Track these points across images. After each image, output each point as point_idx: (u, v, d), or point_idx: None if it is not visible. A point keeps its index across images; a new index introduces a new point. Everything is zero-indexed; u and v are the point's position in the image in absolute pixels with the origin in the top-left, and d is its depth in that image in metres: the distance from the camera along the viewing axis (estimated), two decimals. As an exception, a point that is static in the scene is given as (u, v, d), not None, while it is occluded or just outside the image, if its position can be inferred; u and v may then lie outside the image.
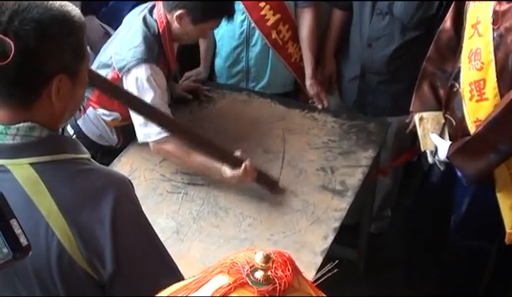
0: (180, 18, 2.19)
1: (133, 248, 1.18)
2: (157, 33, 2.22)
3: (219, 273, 0.68)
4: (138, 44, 2.17)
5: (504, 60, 1.93)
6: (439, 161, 2.25)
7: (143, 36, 2.19)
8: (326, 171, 2.30)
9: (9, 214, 0.94)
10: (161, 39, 2.23)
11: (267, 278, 0.67)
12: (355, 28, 2.66)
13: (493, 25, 1.96)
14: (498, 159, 2.03)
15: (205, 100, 2.70)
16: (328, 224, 2.07)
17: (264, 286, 0.66)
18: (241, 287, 0.66)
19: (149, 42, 2.19)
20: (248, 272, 0.67)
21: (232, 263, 0.68)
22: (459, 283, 2.53)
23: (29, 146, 1.13)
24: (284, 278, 0.67)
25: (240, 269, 0.67)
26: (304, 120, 2.57)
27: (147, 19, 2.23)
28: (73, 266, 1.13)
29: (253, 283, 0.67)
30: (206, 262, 1.95)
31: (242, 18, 2.61)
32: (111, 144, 2.47)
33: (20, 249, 0.93)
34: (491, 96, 1.98)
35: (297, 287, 0.68)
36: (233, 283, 0.66)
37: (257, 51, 2.67)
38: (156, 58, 2.20)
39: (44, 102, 1.13)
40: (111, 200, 1.13)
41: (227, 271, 0.68)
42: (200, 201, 2.18)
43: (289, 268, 0.68)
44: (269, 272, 0.67)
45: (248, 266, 0.68)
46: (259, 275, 0.67)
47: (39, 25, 1.07)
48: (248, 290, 0.66)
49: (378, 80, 2.68)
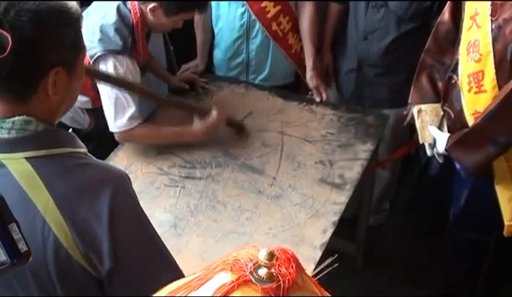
0: (154, 10, 2.20)
1: (130, 243, 1.17)
2: (131, 24, 2.23)
3: (221, 270, 0.66)
4: (111, 35, 2.17)
5: (502, 52, 1.92)
6: (437, 153, 2.25)
7: (116, 27, 2.19)
8: (324, 164, 2.29)
9: (8, 218, 0.92)
10: (134, 30, 2.24)
11: (270, 276, 0.65)
12: (351, 20, 2.66)
13: (492, 16, 1.95)
14: (497, 151, 2.02)
15: (202, 92, 2.70)
16: (327, 217, 2.06)
17: (268, 284, 0.65)
18: (244, 284, 0.65)
19: (123, 32, 2.20)
20: (251, 269, 0.66)
21: (235, 260, 0.66)
22: (458, 276, 2.53)
23: (25, 140, 1.12)
24: (288, 276, 0.66)
25: (243, 266, 0.65)
26: (302, 113, 2.56)
27: (121, 8, 2.22)
28: (70, 261, 1.13)
29: (256, 281, 0.65)
30: (204, 256, 1.94)
31: (243, 10, 2.60)
32: (83, 126, 2.50)
33: (18, 256, 0.90)
34: (489, 88, 1.97)
35: (301, 284, 0.67)
36: (236, 280, 0.65)
37: (257, 43, 2.66)
38: (130, 48, 2.21)
39: (41, 96, 1.12)
40: (108, 195, 1.12)
41: (230, 268, 0.66)
42: (197, 195, 2.17)
43: (292, 265, 0.67)
44: (272, 269, 0.66)
45: (251, 263, 0.67)
46: (263, 272, 0.66)
47: (36, 16, 1.06)
48: (251, 288, 0.65)
49: (374, 72, 2.68)
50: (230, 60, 2.75)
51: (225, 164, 2.30)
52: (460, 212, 2.33)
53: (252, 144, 2.39)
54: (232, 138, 2.42)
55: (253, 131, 2.46)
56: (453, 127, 2.17)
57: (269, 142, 2.40)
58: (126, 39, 2.20)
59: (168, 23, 2.28)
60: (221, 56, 2.79)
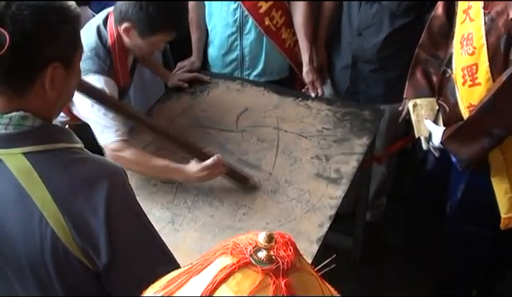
0: (127, 31, 2.12)
1: (127, 238, 1.18)
2: (108, 46, 2.16)
3: (222, 254, 0.68)
4: (88, 56, 2.08)
5: (495, 44, 1.93)
6: (433, 147, 2.26)
7: (94, 47, 2.12)
8: (320, 159, 2.29)
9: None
10: (112, 51, 2.17)
11: (270, 258, 0.67)
12: (345, 17, 2.66)
13: (485, 10, 1.96)
14: (492, 143, 2.03)
15: (198, 89, 2.69)
16: (324, 212, 2.07)
17: (268, 265, 0.66)
18: (245, 266, 0.66)
19: (100, 53, 2.13)
20: (250, 252, 0.67)
21: (235, 245, 0.68)
22: (455, 269, 2.54)
23: (22, 135, 1.13)
24: (287, 258, 0.67)
25: (243, 250, 0.67)
26: (298, 108, 2.57)
27: (100, 29, 2.17)
28: (67, 256, 1.13)
29: (256, 263, 0.67)
30: (202, 251, 1.91)
31: (235, 6, 2.60)
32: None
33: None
34: (483, 81, 1.98)
35: (299, 266, 0.68)
36: (237, 262, 0.66)
37: (251, 39, 2.66)
38: (108, 69, 2.14)
39: (38, 91, 1.13)
40: (105, 190, 1.13)
41: (230, 252, 0.68)
42: (194, 191, 2.17)
43: (290, 248, 0.68)
44: (271, 251, 0.67)
45: (250, 247, 0.68)
46: (262, 255, 0.67)
47: (37, 11, 1.08)
48: (252, 270, 0.66)
49: (369, 68, 2.69)
50: (224, 57, 2.75)
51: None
52: (457, 206, 2.34)
53: (248, 140, 2.39)
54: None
55: (249, 126, 2.46)
56: (448, 120, 2.18)
57: (265, 137, 2.41)
58: (104, 60, 2.12)
59: (145, 46, 2.17)
60: (215, 53, 2.79)
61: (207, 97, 2.65)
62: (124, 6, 2.09)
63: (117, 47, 2.16)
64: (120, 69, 2.20)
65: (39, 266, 1.15)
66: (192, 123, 2.50)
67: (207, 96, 2.66)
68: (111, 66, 2.16)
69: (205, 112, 2.55)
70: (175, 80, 2.70)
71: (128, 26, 2.10)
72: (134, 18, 2.08)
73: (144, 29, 2.10)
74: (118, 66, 2.19)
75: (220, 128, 2.45)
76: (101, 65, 2.12)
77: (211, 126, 2.47)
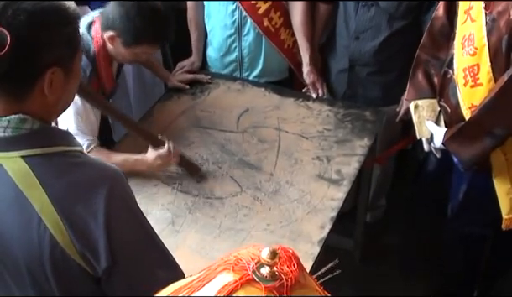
0: (112, 39, 2.13)
1: (127, 241, 1.17)
2: (92, 52, 2.16)
3: (223, 270, 0.66)
4: None
5: (497, 44, 1.92)
6: (435, 148, 2.25)
7: None
8: (321, 160, 2.29)
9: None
10: (96, 58, 2.17)
11: (273, 275, 0.65)
12: (341, 20, 2.63)
13: (486, 10, 1.95)
14: (494, 143, 2.02)
15: (198, 89, 2.68)
16: (325, 213, 2.06)
17: (271, 282, 0.65)
18: (247, 284, 0.65)
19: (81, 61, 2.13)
20: (253, 268, 0.66)
21: (237, 260, 0.66)
22: (456, 270, 2.54)
23: (20, 138, 1.11)
24: (291, 274, 0.65)
25: (245, 266, 0.65)
26: (299, 109, 2.56)
27: (83, 36, 2.15)
28: (66, 259, 1.12)
29: (259, 280, 0.65)
30: (202, 252, 1.94)
31: (234, 7, 2.58)
32: None
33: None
34: (485, 81, 1.97)
35: (303, 283, 0.67)
36: (240, 280, 0.64)
37: (250, 40, 2.64)
38: (88, 77, 2.14)
39: (37, 95, 1.11)
40: (104, 194, 1.12)
41: (232, 268, 0.66)
42: (195, 192, 2.17)
43: (294, 263, 0.67)
44: (274, 268, 0.66)
45: (253, 262, 0.66)
46: (265, 271, 0.66)
47: (33, 15, 1.05)
48: (255, 287, 0.65)
49: (367, 71, 2.65)
50: (223, 58, 2.74)
51: (222, 161, 2.30)
52: (458, 206, 2.33)
53: (249, 141, 2.38)
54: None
55: (250, 127, 2.46)
56: (450, 121, 2.17)
57: (266, 138, 2.40)
58: (84, 70, 2.10)
59: (127, 55, 2.19)
60: (214, 54, 2.77)
61: (208, 98, 2.64)
62: (112, 14, 2.11)
63: (102, 52, 2.17)
64: (104, 73, 2.21)
65: (37, 270, 1.14)
66: (193, 124, 2.49)
67: (208, 97, 2.65)
68: (91, 74, 2.16)
69: (205, 113, 2.55)
70: (174, 81, 2.69)
71: (112, 34, 2.12)
72: (120, 27, 2.10)
73: (128, 40, 2.12)
74: (103, 71, 2.20)
75: (220, 129, 2.44)
76: (82, 71, 2.09)
77: (211, 126, 2.46)
